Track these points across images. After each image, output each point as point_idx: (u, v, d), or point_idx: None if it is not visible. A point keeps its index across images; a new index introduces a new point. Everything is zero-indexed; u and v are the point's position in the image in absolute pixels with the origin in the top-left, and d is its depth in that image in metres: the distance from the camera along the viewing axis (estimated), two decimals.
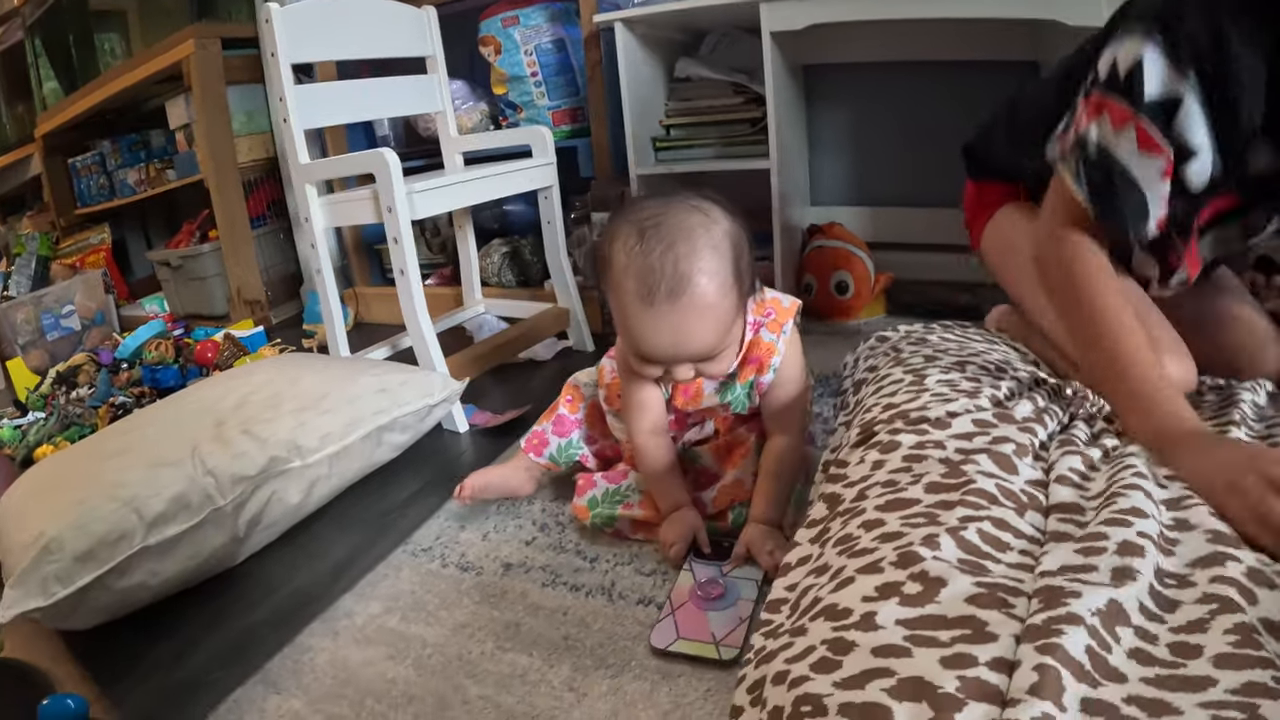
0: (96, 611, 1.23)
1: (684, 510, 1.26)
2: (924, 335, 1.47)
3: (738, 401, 1.31)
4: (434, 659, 1.11)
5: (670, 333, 1.09)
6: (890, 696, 0.60)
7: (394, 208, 1.71)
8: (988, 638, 0.65)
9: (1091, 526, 0.78)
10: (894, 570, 0.75)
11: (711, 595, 1.12)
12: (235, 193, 2.73)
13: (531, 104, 2.44)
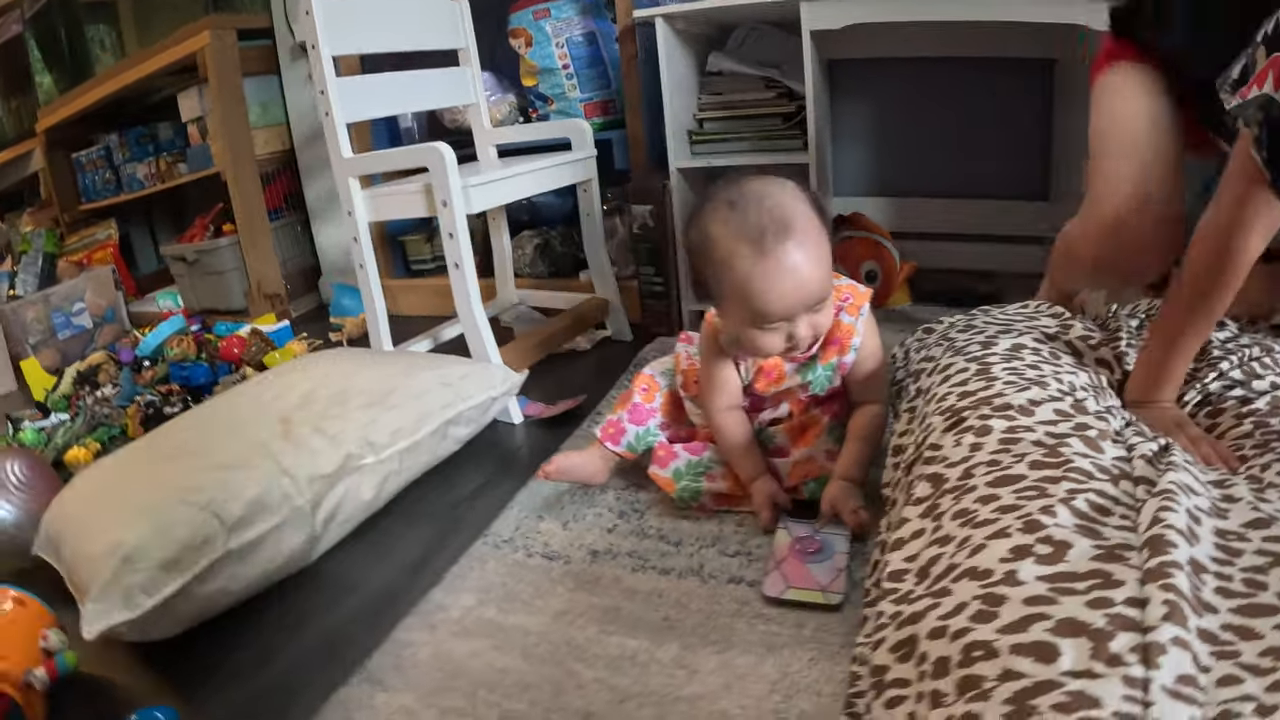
0: (179, 620, 1.20)
1: (765, 479, 1.34)
2: (970, 322, 1.52)
3: (819, 382, 1.36)
4: (540, 647, 1.12)
5: (790, 274, 1.17)
6: (1053, 635, 0.70)
7: (449, 201, 1.70)
8: (1116, 584, 0.75)
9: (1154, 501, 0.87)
10: (1022, 536, 0.84)
11: (809, 550, 1.22)
12: (253, 185, 2.70)
13: (563, 96, 2.43)
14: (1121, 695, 0.63)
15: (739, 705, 0.98)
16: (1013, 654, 0.70)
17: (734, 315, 1.26)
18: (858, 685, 0.92)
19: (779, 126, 2.25)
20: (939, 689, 0.74)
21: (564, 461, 1.46)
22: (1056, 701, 0.64)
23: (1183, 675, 0.64)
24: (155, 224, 3.54)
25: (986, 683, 0.69)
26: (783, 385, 1.37)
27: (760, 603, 1.16)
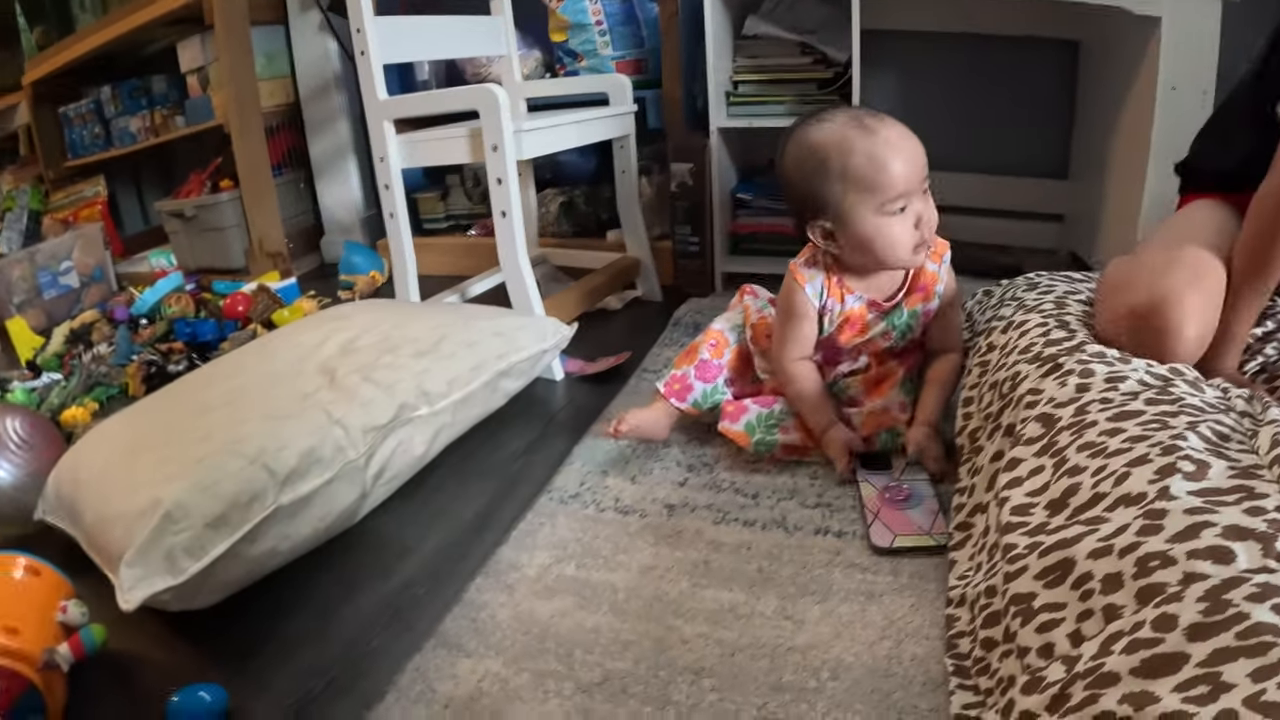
0: (224, 586, 1.09)
1: (838, 426, 1.35)
2: (1033, 282, 1.52)
3: (902, 328, 1.39)
4: (631, 603, 1.07)
5: (903, 140, 1.25)
6: (1224, 538, 0.76)
7: (501, 146, 1.63)
8: (1260, 496, 0.81)
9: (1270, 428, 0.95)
10: (1162, 457, 0.89)
11: (899, 498, 1.24)
12: (258, 138, 2.59)
13: (594, 53, 2.36)
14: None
15: (852, 653, 0.97)
16: (1190, 559, 0.75)
17: (860, 209, 1.26)
18: (956, 626, 0.97)
19: (814, 92, 2.22)
20: (1113, 602, 0.78)
21: (634, 419, 1.40)
22: (1248, 594, 0.69)
23: None
24: (143, 182, 3.40)
25: (1170, 587, 0.74)
26: (867, 336, 1.37)
27: (853, 552, 1.15)
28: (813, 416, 1.36)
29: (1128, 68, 2.15)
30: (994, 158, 2.75)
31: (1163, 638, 0.70)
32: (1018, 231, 2.79)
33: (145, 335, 2.15)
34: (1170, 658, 0.69)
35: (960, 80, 2.71)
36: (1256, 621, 0.67)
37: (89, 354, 2.09)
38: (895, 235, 1.26)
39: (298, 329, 1.54)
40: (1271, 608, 0.67)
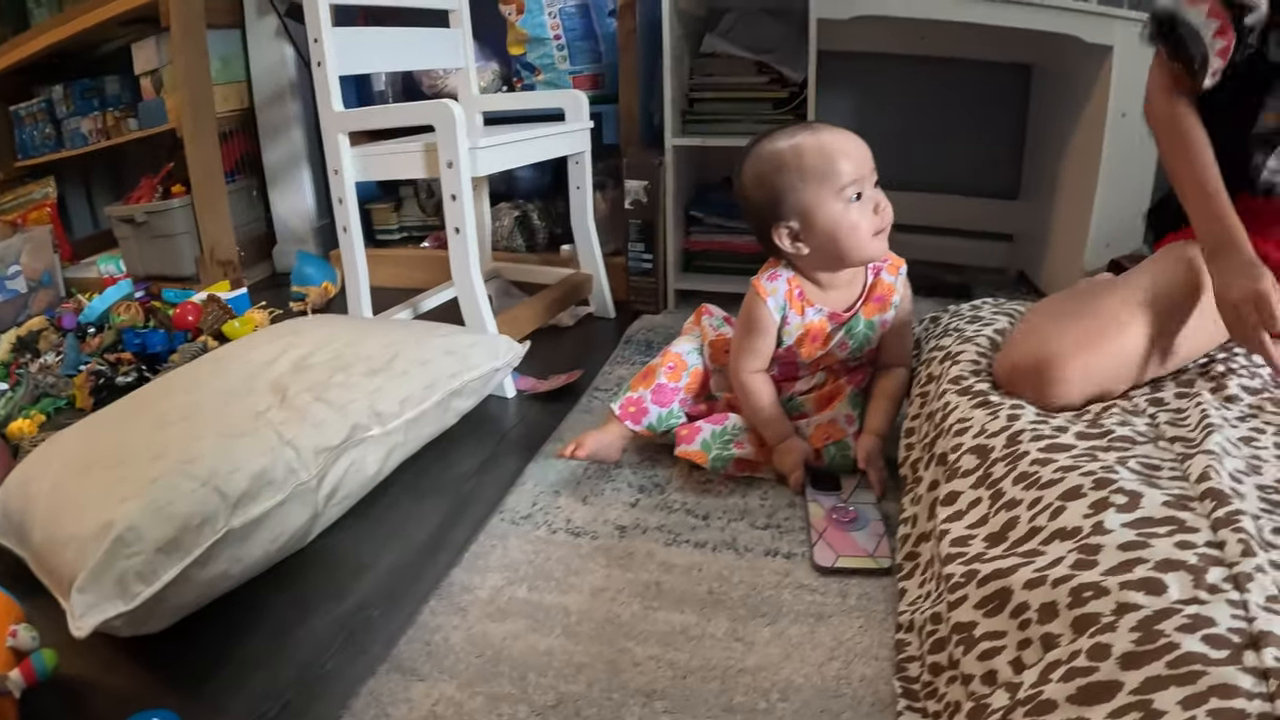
0: (176, 610, 1.07)
1: (793, 440, 1.39)
2: (976, 313, 1.57)
3: (860, 339, 1.43)
4: (584, 626, 1.07)
5: (848, 137, 1.33)
6: (1156, 571, 0.79)
7: (456, 163, 1.62)
8: (1191, 529, 0.84)
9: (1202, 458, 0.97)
10: (1096, 491, 0.92)
11: (846, 519, 1.27)
12: (211, 143, 2.54)
13: (552, 67, 2.36)
14: (1230, 614, 0.72)
15: (801, 674, 0.99)
16: (1124, 590, 0.78)
17: (820, 199, 1.31)
18: (906, 650, 1.00)
19: (770, 111, 2.24)
20: (1050, 631, 0.81)
21: (591, 445, 1.41)
22: (1180, 624, 0.72)
23: (1270, 595, 0.74)
24: (93, 185, 3.34)
25: (1104, 617, 0.77)
26: (827, 348, 1.41)
27: (802, 573, 1.17)
28: (769, 428, 1.40)
29: (1079, 93, 2.20)
30: (946, 177, 2.80)
31: (1097, 666, 0.73)
32: (968, 250, 2.84)
33: (93, 344, 2.12)
34: (1105, 686, 0.71)
35: (915, 101, 2.76)
36: (1187, 651, 0.70)
37: (36, 363, 2.05)
38: (854, 222, 1.31)
39: (250, 344, 1.52)
40: (1202, 638, 0.70)
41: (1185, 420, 1.11)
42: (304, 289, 2.44)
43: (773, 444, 1.39)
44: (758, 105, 2.24)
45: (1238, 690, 0.65)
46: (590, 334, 2.20)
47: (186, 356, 1.97)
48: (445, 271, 1.78)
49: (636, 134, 2.36)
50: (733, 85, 2.24)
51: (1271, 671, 0.66)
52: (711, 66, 2.26)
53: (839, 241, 1.32)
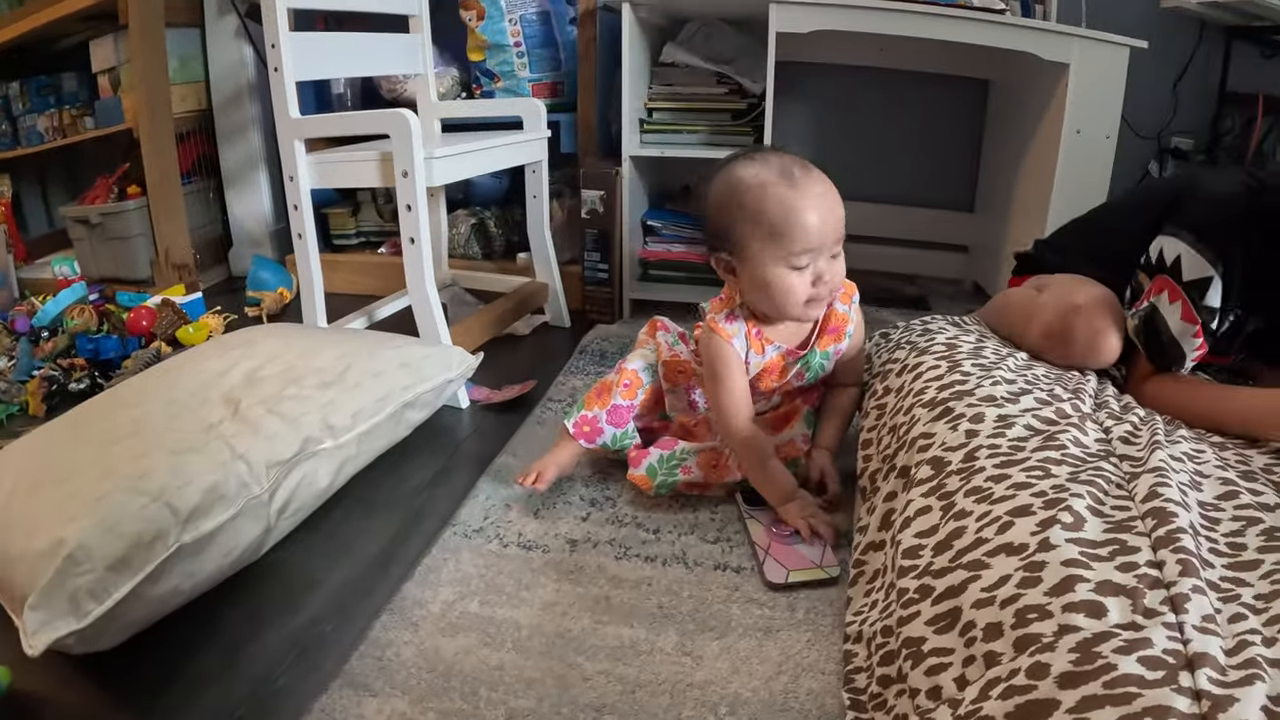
0: (128, 626, 1.06)
1: (800, 502, 1.32)
2: (927, 326, 1.60)
3: (816, 369, 1.42)
4: (534, 640, 1.08)
5: (822, 200, 1.25)
6: (1097, 594, 0.81)
7: (411, 172, 1.62)
8: (1132, 550, 0.87)
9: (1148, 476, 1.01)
10: (1044, 510, 0.95)
11: (786, 533, 1.29)
12: (168, 144, 2.51)
13: (512, 74, 2.36)
14: (1166, 636, 0.75)
15: (749, 688, 1.00)
16: (1065, 612, 0.80)
17: (763, 255, 1.27)
18: (854, 662, 1.01)
19: (728, 123, 2.25)
20: (993, 650, 0.82)
21: (550, 470, 1.41)
22: (1116, 646, 0.74)
23: (1205, 615, 0.77)
24: (49, 184, 3.28)
25: (1045, 638, 0.79)
26: (783, 380, 1.41)
27: (750, 588, 1.19)
28: (771, 489, 1.34)
29: (1035, 109, 2.24)
30: (903, 189, 2.84)
31: (1036, 685, 0.75)
32: (924, 261, 2.88)
33: (46, 349, 2.08)
34: (1043, 704, 0.73)
35: (873, 113, 2.80)
36: (1124, 673, 0.71)
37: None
38: (790, 286, 1.27)
39: (202, 355, 1.51)
40: (1138, 660, 0.72)
41: (1137, 437, 1.15)
42: (259, 294, 2.42)
43: (776, 504, 1.33)
44: (716, 116, 2.26)
45: (1172, 711, 0.67)
46: (545, 343, 2.20)
47: (140, 363, 1.94)
48: (402, 278, 1.78)
49: (594, 143, 2.37)
50: (691, 95, 2.26)
51: (1205, 693, 0.69)
52: (671, 76, 2.27)
53: (769, 296, 1.29)
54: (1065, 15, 2.38)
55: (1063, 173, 2.12)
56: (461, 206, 2.61)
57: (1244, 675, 0.71)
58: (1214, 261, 1.27)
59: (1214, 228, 1.29)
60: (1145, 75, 2.33)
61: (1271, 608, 0.80)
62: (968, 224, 2.82)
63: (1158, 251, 1.34)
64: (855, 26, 2.04)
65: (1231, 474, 1.07)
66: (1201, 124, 2.73)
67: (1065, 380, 1.33)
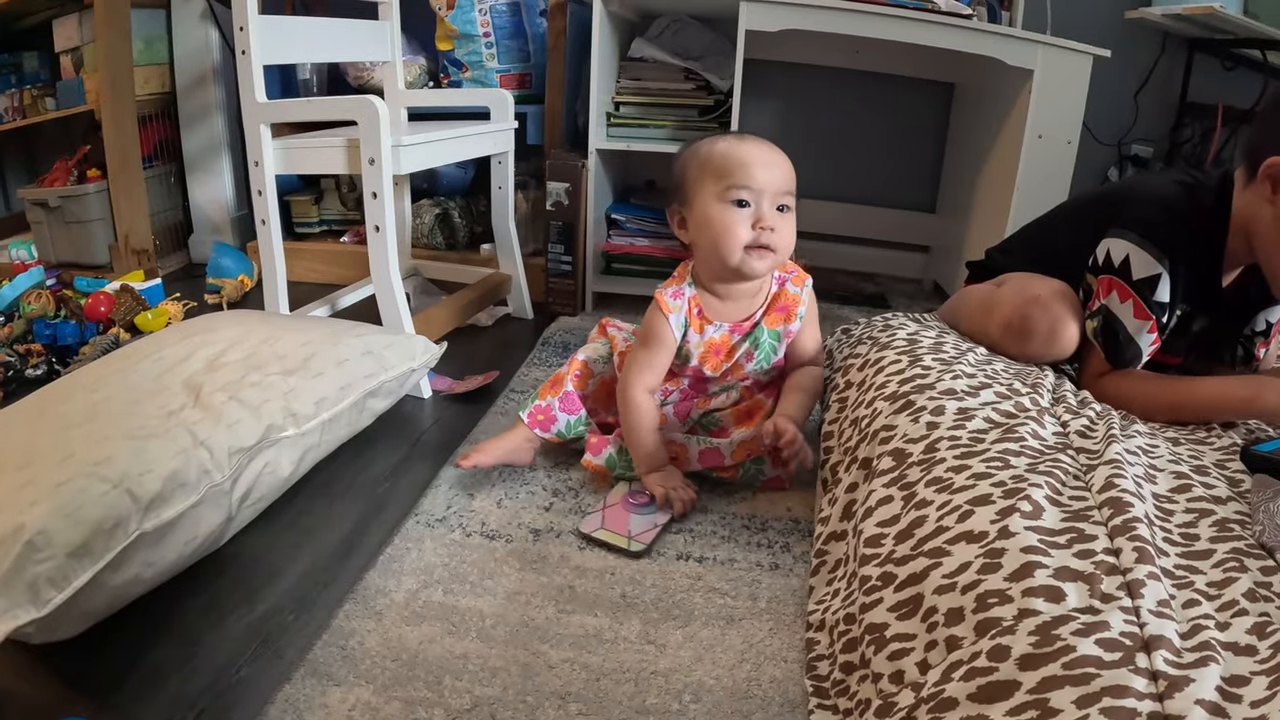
0: (87, 615, 1.04)
1: (666, 472, 1.39)
2: (888, 322, 1.63)
3: (766, 349, 1.44)
4: (499, 629, 1.08)
5: (766, 150, 1.34)
6: (1055, 579, 0.84)
7: (378, 160, 1.61)
8: (1090, 538, 0.90)
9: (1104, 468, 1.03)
10: (1004, 499, 0.97)
11: (637, 502, 1.35)
12: (130, 127, 2.46)
13: (480, 65, 2.35)
14: (1122, 620, 0.77)
15: (713, 676, 1.02)
16: (1026, 596, 0.82)
17: (706, 194, 1.34)
18: (816, 649, 1.04)
19: (695, 118, 2.26)
20: (955, 634, 0.84)
21: (482, 457, 1.42)
22: (1075, 629, 0.77)
23: (1160, 600, 0.80)
24: (6, 165, 3.21)
25: (1005, 621, 0.81)
26: (732, 360, 1.43)
27: (714, 578, 1.20)
28: (642, 454, 1.39)
29: (999, 114, 2.27)
30: (867, 189, 2.87)
31: (996, 667, 0.77)
32: (885, 260, 2.91)
33: (3, 335, 2.05)
34: (1003, 685, 0.75)
35: (839, 113, 2.83)
36: (1081, 654, 0.74)
37: None
38: (729, 223, 1.31)
39: (163, 341, 1.48)
40: (1095, 642, 0.74)
41: (1094, 431, 1.18)
42: (220, 281, 2.39)
43: (643, 473, 1.39)
44: (683, 111, 2.27)
45: (1129, 690, 0.69)
46: (508, 335, 2.20)
47: (98, 349, 1.92)
48: (365, 267, 1.77)
49: (561, 135, 2.37)
50: (659, 90, 2.26)
51: (1161, 673, 0.71)
52: (639, 71, 2.28)
53: (713, 240, 1.33)
54: (1031, 22, 2.42)
55: (1024, 177, 2.16)
56: (426, 196, 2.60)
57: (1198, 657, 0.73)
58: (1160, 258, 1.32)
59: (1158, 225, 1.34)
60: (1108, 83, 2.38)
61: (1224, 594, 0.83)
62: (929, 225, 2.85)
63: (1105, 253, 1.38)
64: (824, 27, 2.06)
65: (1185, 468, 1.10)
66: (1161, 132, 2.79)
67: (1024, 375, 1.35)
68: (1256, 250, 1.32)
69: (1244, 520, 0.97)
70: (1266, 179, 1.25)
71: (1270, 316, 1.48)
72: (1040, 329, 1.40)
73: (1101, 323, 1.38)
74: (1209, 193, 1.36)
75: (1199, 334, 1.45)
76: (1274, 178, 1.24)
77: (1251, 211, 1.30)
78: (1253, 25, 2.36)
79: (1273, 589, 0.84)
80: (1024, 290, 1.46)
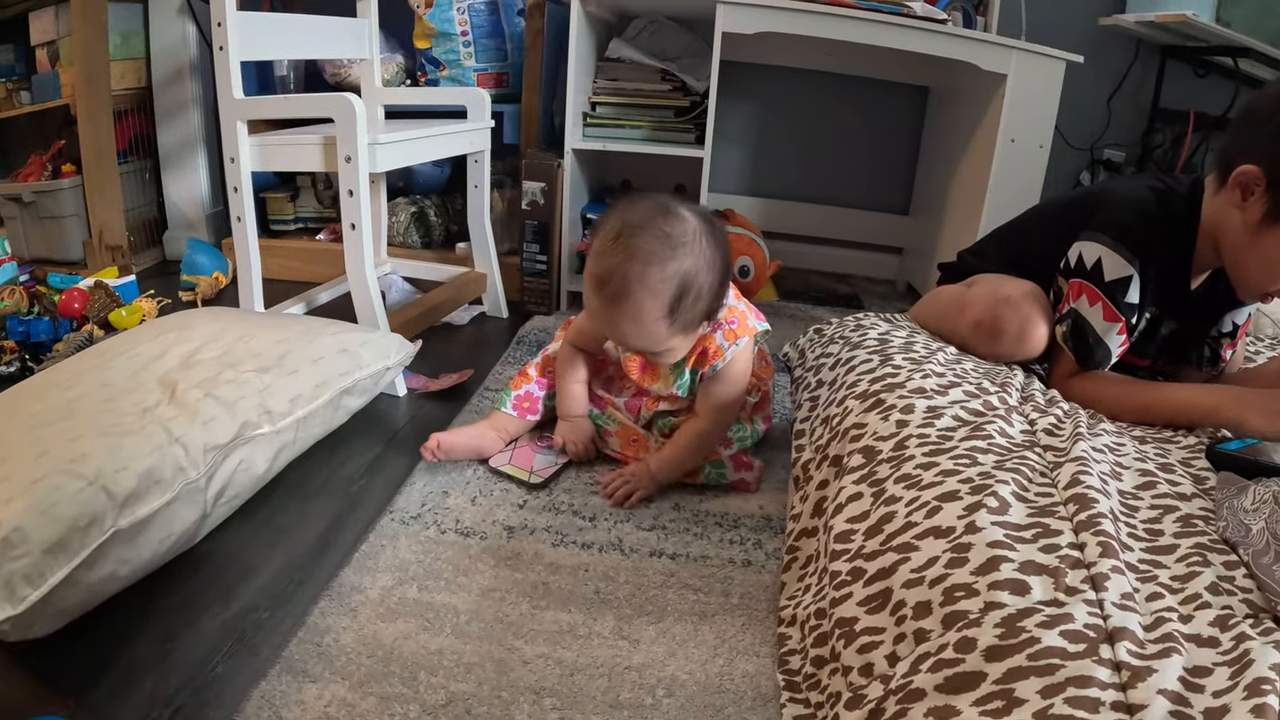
0: (62, 613, 1.03)
1: (583, 420, 1.50)
2: (860, 322, 1.66)
3: (683, 386, 1.45)
4: (473, 625, 1.09)
5: (609, 323, 1.31)
6: (1020, 573, 0.85)
7: (354, 158, 1.61)
8: (1055, 533, 0.92)
9: (1070, 465, 1.05)
10: (971, 495, 0.99)
11: (544, 444, 1.52)
12: (106, 121, 2.44)
13: (457, 64, 2.35)
14: (1086, 612, 0.79)
15: (686, 670, 1.03)
16: (992, 590, 0.84)
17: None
18: (788, 644, 1.06)
19: (671, 119, 2.27)
20: (922, 627, 0.86)
21: (448, 440, 1.44)
22: (1039, 621, 0.78)
23: (1124, 593, 0.82)
24: None
25: (972, 614, 0.83)
26: (658, 378, 1.45)
27: (687, 574, 1.22)
28: (561, 399, 1.52)
29: (972, 117, 2.30)
30: (841, 191, 2.89)
31: (963, 658, 0.78)
32: (859, 261, 2.94)
33: None
34: (970, 676, 0.77)
35: (814, 116, 2.85)
36: (1046, 646, 0.75)
37: None
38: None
39: (137, 338, 1.48)
40: (1060, 634, 0.76)
41: (1061, 429, 1.20)
42: (194, 278, 2.38)
43: (561, 416, 1.51)
44: (659, 112, 2.28)
45: (1093, 681, 0.71)
46: (483, 333, 2.21)
47: (71, 347, 1.90)
48: (340, 265, 1.76)
49: (537, 135, 2.37)
50: (635, 91, 2.28)
51: (1124, 664, 0.73)
52: (616, 71, 2.29)
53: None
54: (1006, 28, 2.45)
55: (996, 180, 2.19)
56: (402, 194, 2.60)
57: (1162, 649, 0.74)
58: (1131, 260, 1.35)
59: (1131, 228, 1.37)
60: (1081, 89, 2.41)
61: (1187, 588, 0.85)
62: (903, 226, 2.88)
63: (1077, 256, 1.40)
64: (800, 30, 2.08)
65: (1150, 465, 1.12)
66: (1133, 138, 2.83)
67: (993, 374, 1.38)
68: (1224, 255, 1.35)
69: (1208, 516, 0.99)
70: (1237, 186, 1.27)
71: (1237, 319, 1.51)
72: (1010, 329, 1.43)
73: (1071, 326, 1.41)
74: (1180, 198, 1.39)
75: (1168, 337, 1.48)
76: (1244, 185, 1.26)
77: (1221, 217, 1.32)
78: (1225, 33, 2.40)
79: (1235, 582, 0.86)
80: (995, 291, 1.48)
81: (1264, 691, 0.67)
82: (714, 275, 1.29)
